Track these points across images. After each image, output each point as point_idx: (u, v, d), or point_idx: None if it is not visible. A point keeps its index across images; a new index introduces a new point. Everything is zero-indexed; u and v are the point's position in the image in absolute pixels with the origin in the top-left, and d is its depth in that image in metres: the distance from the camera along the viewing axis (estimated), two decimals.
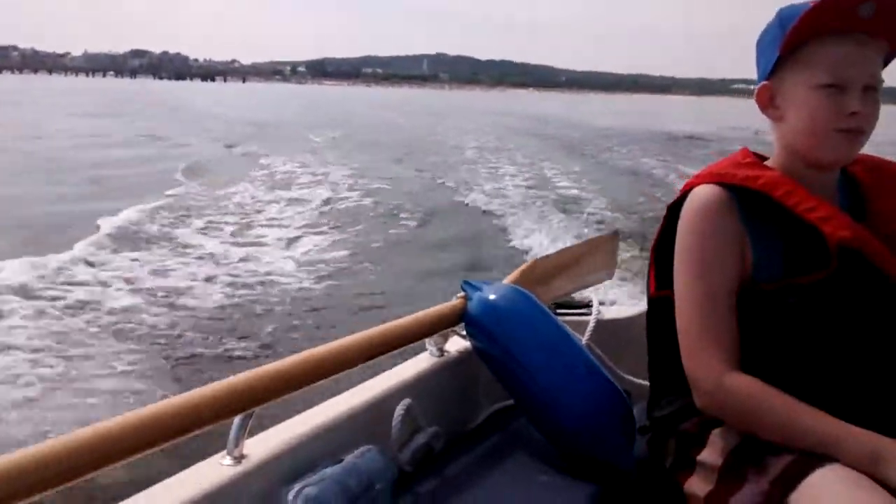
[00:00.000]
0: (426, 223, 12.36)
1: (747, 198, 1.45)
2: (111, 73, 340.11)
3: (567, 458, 1.70)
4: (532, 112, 58.92)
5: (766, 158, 1.55)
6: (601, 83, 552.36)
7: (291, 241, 10.57)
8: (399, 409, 1.67)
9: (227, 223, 11.51)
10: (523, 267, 2.20)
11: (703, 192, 1.47)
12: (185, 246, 9.98)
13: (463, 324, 1.89)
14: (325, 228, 11.68)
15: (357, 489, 1.38)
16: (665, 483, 1.56)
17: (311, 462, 1.42)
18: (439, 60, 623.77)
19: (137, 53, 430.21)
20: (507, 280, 2.11)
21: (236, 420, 1.35)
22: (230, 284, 8.08)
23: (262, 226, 11.57)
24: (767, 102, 1.51)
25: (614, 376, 2.01)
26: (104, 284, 7.75)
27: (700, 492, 1.45)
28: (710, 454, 1.45)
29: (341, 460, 1.43)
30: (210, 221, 11.64)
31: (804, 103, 1.43)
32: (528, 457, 1.75)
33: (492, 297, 1.85)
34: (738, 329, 1.43)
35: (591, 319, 2.20)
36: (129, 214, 11.27)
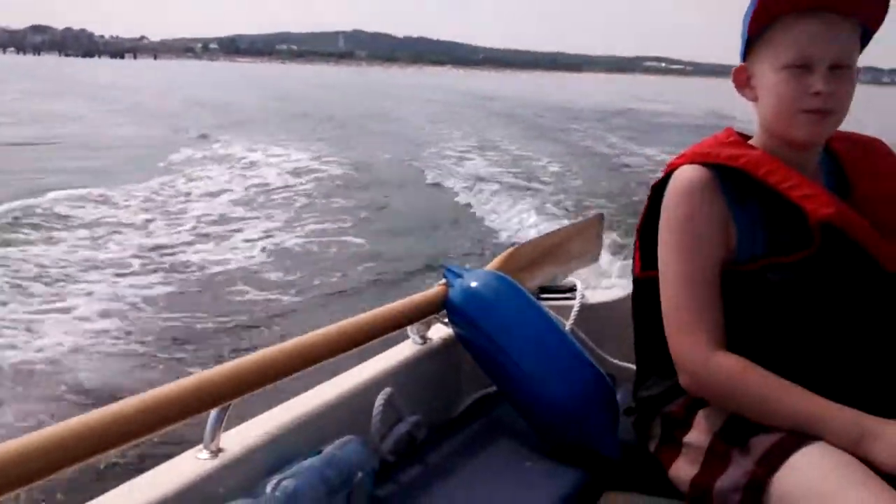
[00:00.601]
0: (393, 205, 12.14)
1: (730, 177, 1.44)
2: (11, 49, 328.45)
3: (551, 444, 1.69)
4: (486, 92, 57.55)
5: (749, 137, 1.54)
6: (519, 61, 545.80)
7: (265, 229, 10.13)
8: (380, 399, 1.65)
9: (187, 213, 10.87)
10: (506, 253, 2.18)
11: (687, 172, 1.46)
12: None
13: (445, 311, 1.87)
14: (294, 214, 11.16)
15: (337, 480, 1.36)
16: (650, 466, 1.56)
17: (290, 454, 1.40)
18: (356, 38, 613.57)
19: (38, 29, 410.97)
20: (489, 266, 2.09)
21: (213, 413, 1.33)
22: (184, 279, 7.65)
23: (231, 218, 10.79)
24: (744, 83, 1.51)
25: (598, 360, 2.00)
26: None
27: (686, 474, 1.44)
28: (696, 436, 1.44)
29: (321, 451, 1.41)
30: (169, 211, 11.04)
31: (772, 84, 1.43)
32: (512, 444, 1.73)
33: (473, 283, 1.83)
34: (723, 308, 1.42)
35: (576, 304, 2.19)
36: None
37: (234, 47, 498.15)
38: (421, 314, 1.86)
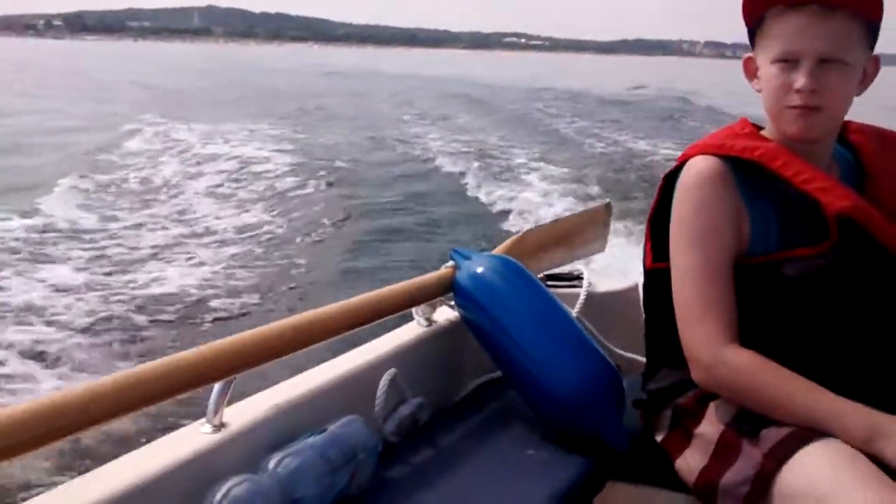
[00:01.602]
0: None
1: (745, 169, 1.43)
2: None
3: (555, 431, 1.67)
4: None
5: (762, 128, 1.52)
6: (381, 37, 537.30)
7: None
8: (384, 380, 1.64)
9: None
10: (514, 238, 2.16)
11: (700, 163, 1.45)
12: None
13: (452, 294, 1.86)
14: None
15: (339, 459, 1.35)
16: (655, 457, 1.54)
17: (293, 431, 1.39)
18: (210, 13, 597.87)
19: None
20: (497, 250, 2.07)
21: (216, 387, 1.32)
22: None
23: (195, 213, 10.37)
24: (752, 74, 1.50)
25: (605, 350, 1.98)
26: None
27: (694, 465, 1.44)
28: (707, 427, 1.43)
29: (324, 430, 1.40)
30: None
31: (765, 78, 1.43)
32: (516, 430, 1.72)
33: (481, 266, 1.81)
34: (736, 302, 1.41)
35: (582, 292, 2.17)
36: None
37: (80, 24, 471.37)
38: (427, 296, 1.84)
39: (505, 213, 10.19)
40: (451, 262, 1.89)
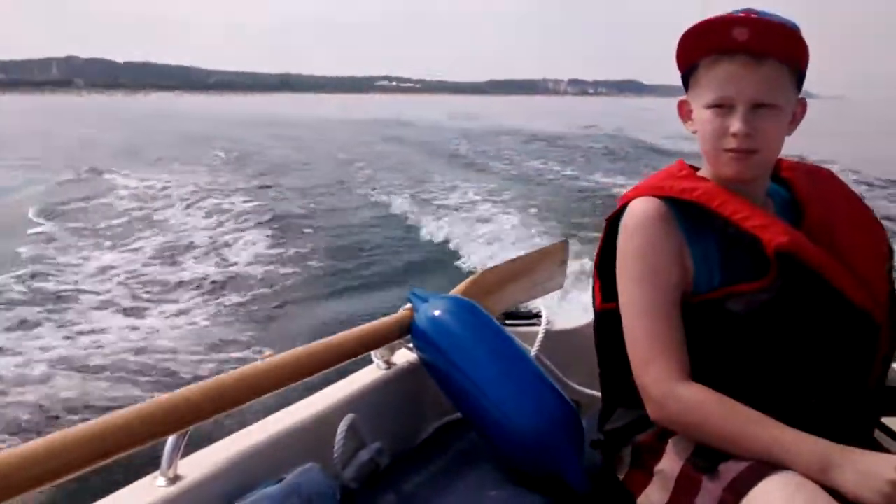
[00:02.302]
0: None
1: (685, 209, 1.46)
2: None
3: (516, 472, 1.67)
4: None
5: (698, 169, 1.57)
6: (253, 84, 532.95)
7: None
8: (342, 425, 1.62)
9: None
10: (471, 278, 2.17)
11: (642, 205, 1.48)
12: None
13: (410, 336, 1.85)
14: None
15: None
16: (618, 495, 1.54)
17: (250, 482, 1.37)
18: (70, 64, 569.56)
19: None
20: (454, 291, 2.08)
21: (170, 439, 1.30)
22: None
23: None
24: (686, 116, 1.54)
25: (564, 388, 1.99)
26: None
27: (656, 502, 1.44)
28: (667, 463, 1.44)
29: (282, 479, 1.38)
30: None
31: (700, 122, 1.48)
32: (477, 472, 1.71)
33: (438, 308, 1.81)
34: (685, 339, 1.42)
35: (541, 330, 2.18)
36: None
37: None
38: (385, 339, 1.84)
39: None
40: (408, 305, 1.90)
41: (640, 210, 1.47)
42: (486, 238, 10.61)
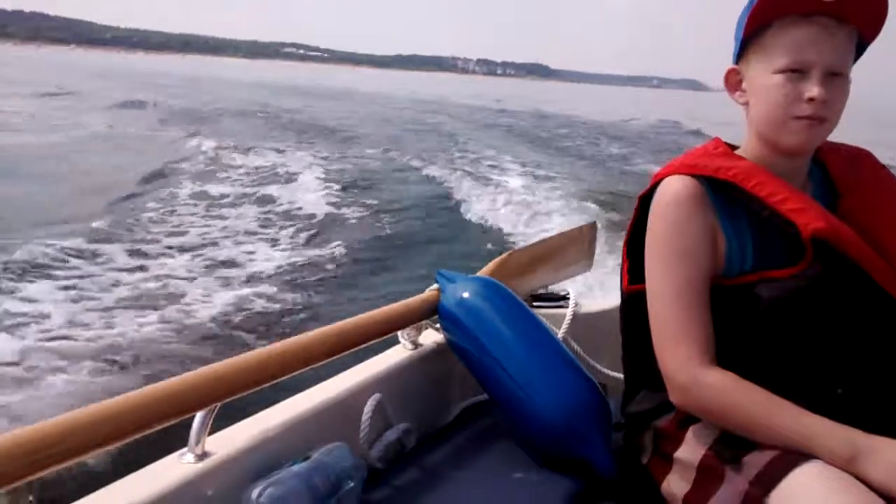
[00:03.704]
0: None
1: (719, 188, 1.42)
2: None
3: (542, 454, 1.66)
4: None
5: (736, 147, 1.52)
6: (150, 43, 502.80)
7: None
8: (369, 405, 1.63)
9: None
10: (499, 259, 2.16)
11: (675, 183, 1.44)
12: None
13: (437, 316, 1.85)
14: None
15: (324, 487, 1.33)
16: (643, 480, 1.53)
17: (277, 460, 1.38)
18: None
19: None
20: (482, 272, 2.07)
21: (198, 416, 1.31)
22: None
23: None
24: (735, 86, 1.49)
25: (591, 370, 1.98)
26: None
27: (678, 490, 1.42)
28: (687, 451, 1.42)
29: (308, 458, 1.38)
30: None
31: (764, 88, 1.40)
32: (503, 453, 1.71)
33: (465, 289, 1.81)
34: (713, 323, 1.40)
35: (568, 312, 2.17)
36: None
37: None
38: (412, 319, 1.83)
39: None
40: (435, 285, 1.89)
41: (673, 189, 1.43)
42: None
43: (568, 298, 2.26)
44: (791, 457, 1.25)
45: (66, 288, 6.76)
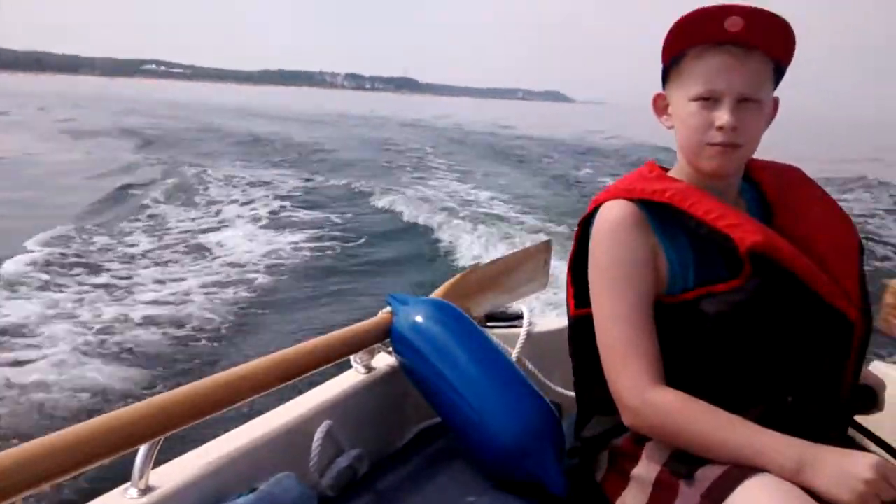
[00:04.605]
0: None
1: (657, 210, 1.45)
2: None
3: (496, 476, 1.65)
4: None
5: (668, 169, 1.56)
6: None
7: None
8: (319, 432, 1.60)
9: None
10: (453, 280, 2.15)
11: (613, 208, 1.46)
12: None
13: (389, 340, 1.84)
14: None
15: None
16: (595, 499, 1.53)
17: (223, 492, 1.35)
18: None
19: None
20: (435, 294, 2.06)
21: (142, 449, 1.28)
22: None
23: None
24: (662, 111, 1.53)
25: (546, 390, 1.98)
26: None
27: None
28: (644, 468, 1.42)
29: (255, 489, 1.36)
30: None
31: (682, 115, 1.45)
32: (456, 477, 1.69)
33: (418, 311, 1.80)
34: (659, 342, 1.42)
35: (522, 332, 2.17)
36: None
37: None
38: (364, 343, 1.82)
39: None
40: (388, 308, 1.88)
41: (612, 214, 1.46)
42: None
43: (522, 318, 2.26)
44: (740, 471, 1.27)
45: None
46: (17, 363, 5.39)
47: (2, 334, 5.97)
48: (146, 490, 1.28)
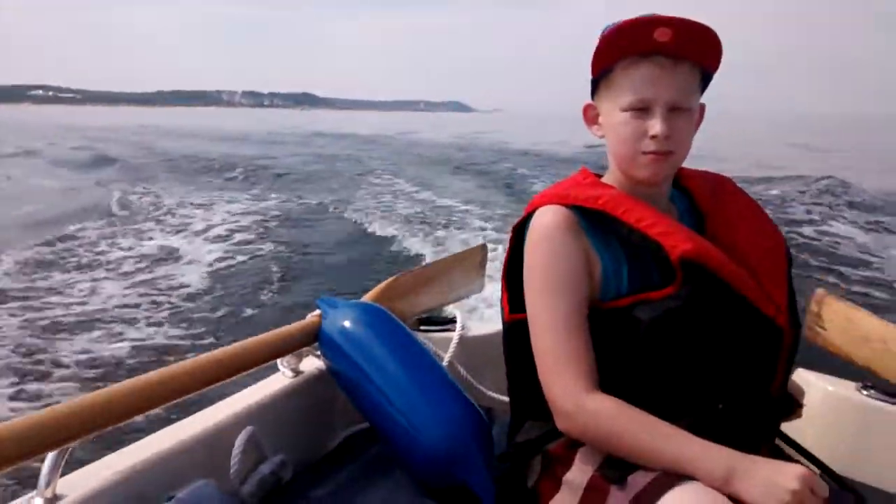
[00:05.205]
0: None
1: (590, 216, 1.45)
2: None
3: (424, 482, 1.63)
4: None
5: (601, 176, 1.56)
6: None
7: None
8: (240, 438, 1.55)
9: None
10: (385, 283, 2.12)
11: (548, 214, 1.46)
12: None
13: (318, 343, 1.80)
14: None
15: None
16: (527, 502, 1.52)
17: (138, 500, 1.30)
18: None
19: None
20: (366, 297, 2.03)
21: (49, 456, 1.22)
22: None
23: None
24: (592, 120, 1.54)
25: (478, 395, 1.96)
26: None
27: None
28: (576, 473, 1.42)
29: (172, 497, 1.30)
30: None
31: (614, 124, 1.46)
32: (383, 483, 1.66)
33: (347, 315, 1.77)
34: (594, 348, 1.41)
35: (455, 336, 2.15)
36: None
37: None
38: (292, 346, 1.78)
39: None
40: (317, 311, 1.84)
41: (546, 220, 1.45)
42: None
43: (455, 322, 2.24)
44: (670, 478, 1.27)
45: None
46: None
47: None
48: (53, 499, 1.23)
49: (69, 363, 5.75)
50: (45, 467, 1.22)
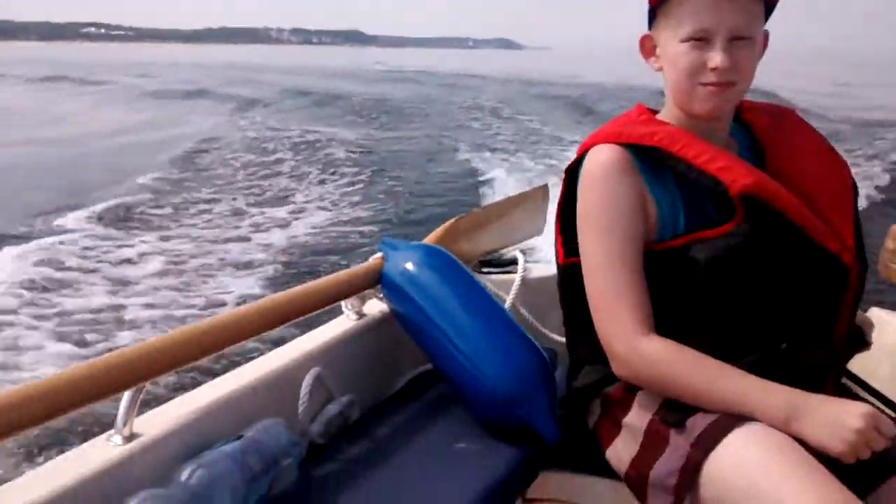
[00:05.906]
0: None
1: (645, 155, 1.41)
2: None
3: (488, 423, 1.64)
4: None
5: (657, 112, 1.52)
6: None
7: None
8: (308, 378, 1.58)
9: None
10: (446, 225, 2.11)
11: (601, 153, 1.42)
12: None
13: (380, 286, 1.81)
14: None
15: (258, 466, 1.29)
16: (588, 445, 1.52)
17: (209, 439, 1.33)
18: None
19: None
20: (427, 239, 2.03)
21: (126, 395, 1.26)
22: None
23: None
24: (649, 52, 1.49)
25: (540, 336, 1.95)
26: None
27: (624, 455, 1.43)
28: (635, 416, 1.42)
29: (242, 436, 1.34)
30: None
31: (672, 56, 1.41)
32: (448, 424, 1.68)
33: (409, 257, 1.77)
34: (649, 290, 1.39)
35: (517, 278, 2.13)
36: None
37: None
38: (354, 289, 1.79)
39: None
40: (379, 254, 1.85)
41: (600, 159, 1.42)
42: None
43: (517, 264, 2.23)
44: (730, 419, 1.26)
45: None
46: None
47: None
48: (130, 437, 1.26)
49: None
50: (123, 406, 1.26)
